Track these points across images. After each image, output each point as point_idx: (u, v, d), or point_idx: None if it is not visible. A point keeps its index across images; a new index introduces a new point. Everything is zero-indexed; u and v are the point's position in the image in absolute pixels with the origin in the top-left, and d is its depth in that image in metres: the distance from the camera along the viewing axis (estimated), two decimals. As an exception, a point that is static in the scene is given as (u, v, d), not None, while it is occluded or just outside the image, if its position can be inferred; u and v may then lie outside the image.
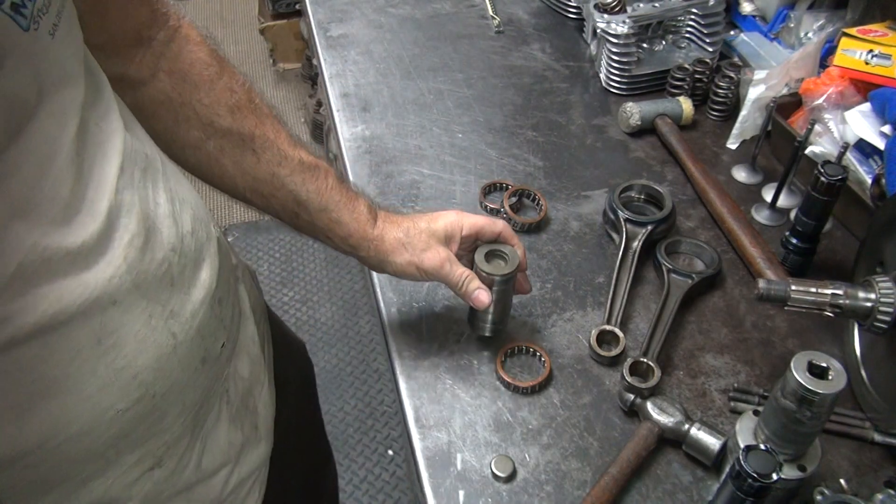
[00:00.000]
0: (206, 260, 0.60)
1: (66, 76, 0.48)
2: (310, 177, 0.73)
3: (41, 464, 0.48)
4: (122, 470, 0.55)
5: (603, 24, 1.21)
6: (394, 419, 1.96)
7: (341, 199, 0.75)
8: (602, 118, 1.21)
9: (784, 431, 0.65)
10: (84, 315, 0.47)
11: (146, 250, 0.52)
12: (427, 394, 0.81)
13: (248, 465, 0.71)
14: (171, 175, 0.61)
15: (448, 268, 0.76)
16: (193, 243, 0.59)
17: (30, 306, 0.44)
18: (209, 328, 0.60)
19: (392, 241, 0.76)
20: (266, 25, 3.02)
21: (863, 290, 0.72)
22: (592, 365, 0.85)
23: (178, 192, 0.60)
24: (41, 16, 0.44)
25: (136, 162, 0.55)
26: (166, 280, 0.54)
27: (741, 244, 0.95)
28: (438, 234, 0.76)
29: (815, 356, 0.61)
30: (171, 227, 0.56)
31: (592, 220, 1.02)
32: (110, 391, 0.50)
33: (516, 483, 0.74)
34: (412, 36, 1.39)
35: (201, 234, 0.61)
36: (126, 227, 0.51)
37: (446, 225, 0.76)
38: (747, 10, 1.33)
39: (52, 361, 0.46)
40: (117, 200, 0.50)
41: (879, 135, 0.96)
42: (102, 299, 0.48)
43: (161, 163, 0.60)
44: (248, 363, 0.73)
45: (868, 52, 1.02)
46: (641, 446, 0.74)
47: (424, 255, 0.76)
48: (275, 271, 2.38)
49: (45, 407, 0.46)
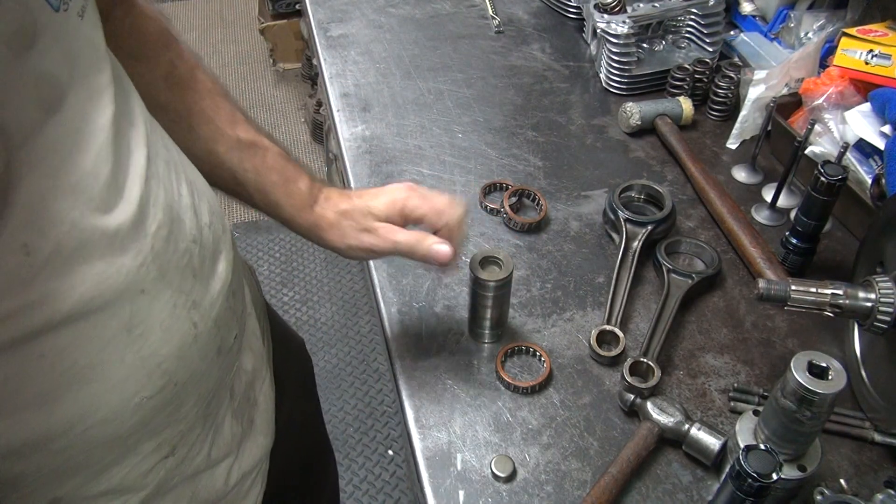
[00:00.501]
0: (222, 252, 0.61)
1: (97, 59, 0.49)
2: (247, 155, 0.71)
3: (66, 450, 0.49)
4: (140, 458, 0.55)
5: (603, 24, 1.21)
6: (394, 419, 1.96)
7: (278, 180, 0.72)
8: (602, 118, 1.21)
9: (784, 431, 0.65)
10: (117, 302, 0.48)
11: (171, 240, 0.53)
12: (427, 394, 0.81)
13: (249, 459, 0.71)
14: (188, 168, 0.61)
15: (391, 237, 0.71)
16: (212, 235, 0.59)
17: (66, 289, 0.44)
18: (225, 319, 0.60)
19: (328, 226, 0.73)
20: (266, 25, 3.03)
21: (863, 290, 0.72)
22: (592, 365, 0.85)
23: (196, 184, 0.60)
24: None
25: (159, 153, 0.55)
26: (189, 270, 0.55)
27: (741, 244, 0.95)
28: (378, 211, 0.72)
29: (815, 356, 0.61)
30: (192, 219, 0.56)
31: (592, 220, 1.02)
32: (137, 379, 0.51)
33: (516, 483, 0.74)
34: (412, 36, 1.39)
35: (217, 226, 0.61)
36: (154, 216, 0.51)
37: (386, 203, 0.72)
38: (747, 10, 1.33)
39: (84, 349, 0.46)
40: (146, 189, 0.51)
41: (879, 135, 0.96)
42: (133, 287, 0.49)
43: (179, 154, 0.61)
44: (251, 357, 0.73)
45: (868, 52, 1.02)
46: (641, 446, 0.74)
47: (363, 235, 0.72)
48: (275, 271, 2.38)
49: (73, 394, 0.47)
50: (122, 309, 0.49)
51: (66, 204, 0.44)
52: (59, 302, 0.44)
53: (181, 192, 0.56)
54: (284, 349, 0.92)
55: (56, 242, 0.44)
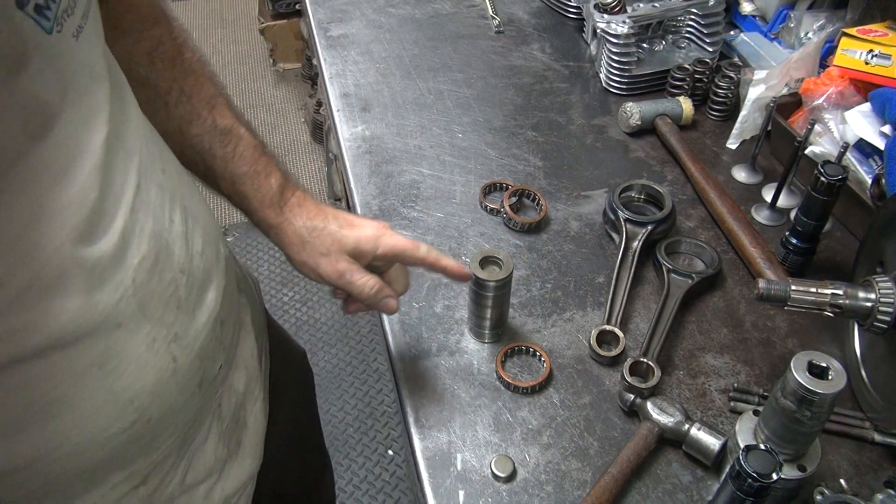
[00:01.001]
0: (213, 281, 0.60)
1: (93, 79, 0.48)
2: (219, 141, 0.69)
3: (29, 481, 0.47)
4: (109, 487, 0.54)
5: (603, 24, 1.21)
6: (394, 419, 1.96)
7: (248, 171, 0.70)
8: (602, 118, 1.21)
9: (784, 431, 0.65)
10: (90, 337, 0.47)
11: (155, 271, 0.51)
12: (427, 394, 0.81)
13: (233, 482, 0.69)
14: (186, 191, 0.60)
15: (347, 277, 0.70)
16: (202, 264, 0.58)
17: (38, 323, 0.43)
18: (209, 350, 0.59)
19: (292, 235, 0.71)
20: (266, 25, 3.03)
21: (863, 290, 0.72)
22: (592, 365, 0.85)
23: (191, 210, 0.59)
24: (66, 17, 0.43)
25: (153, 177, 0.54)
26: (172, 302, 0.53)
27: (741, 244, 0.95)
28: (346, 244, 0.71)
29: (815, 356, 0.61)
30: (182, 247, 0.55)
31: (592, 220, 1.02)
32: (107, 414, 0.49)
33: (516, 483, 0.74)
34: (412, 36, 1.39)
35: (210, 253, 0.60)
36: (139, 247, 0.50)
37: (358, 239, 0.71)
38: (747, 10, 1.33)
39: (52, 382, 0.45)
40: (131, 219, 0.50)
41: (879, 135, 0.96)
42: (109, 322, 0.48)
43: (178, 175, 0.59)
44: (244, 377, 0.71)
45: (868, 52, 1.02)
46: (641, 446, 0.74)
47: (321, 260, 0.71)
48: (275, 271, 2.38)
49: (40, 427, 0.46)
50: (96, 344, 0.47)
51: (48, 233, 0.43)
52: (28, 336, 0.43)
53: (173, 218, 0.55)
54: (284, 362, 0.91)
55: (32, 274, 0.42)
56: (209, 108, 0.70)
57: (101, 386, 0.48)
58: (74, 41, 0.45)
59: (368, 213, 1.03)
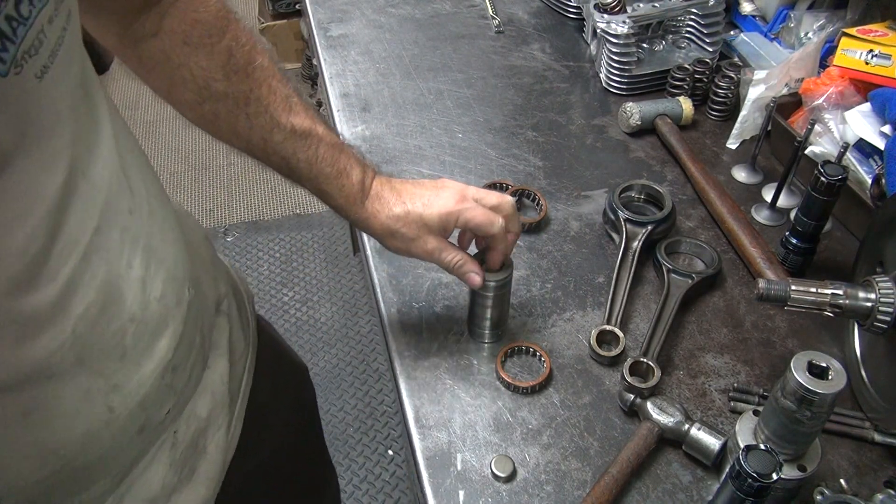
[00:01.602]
0: (168, 327, 0.57)
1: (58, 120, 0.45)
2: (301, 146, 0.71)
3: None
4: None
5: (603, 24, 1.21)
6: (394, 419, 1.96)
7: (330, 172, 0.72)
8: (602, 118, 1.21)
9: (784, 431, 0.65)
10: (16, 388, 0.44)
11: (99, 322, 0.49)
12: (427, 394, 0.81)
13: None
14: (156, 230, 0.57)
15: (437, 256, 0.74)
16: (159, 310, 0.55)
17: None
18: (154, 398, 0.56)
19: (379, 228, 0.74)
20: (266, 25, 3.03)
21: (863, 290, 0.72)
22: (592, 365, 0.85)
23: (157, 251, 0.56)
24: (27, 58, 0.41)
25: (117, 219, 0.51)
26: (116, 352, 0.51)
27: (741, 244, 0.95)
28: (432, 225, 0.73)
29: (815, 356, 0.61)
30: (137, 294, 0.52)
31: (592, 220, 1.02)
32: (28, 463, 0.47)
33: (516, 483, 0.74)
34: (412, 36, 1.39)
35: (170, 298, 0.57)
36: (83, 297, 0.47)
37: (441, 217, 0.73)
38: (747, 10, 1.33)
39: None
40: (81, 266, 0.47)
41: (879, 135, 0.96)
42: (39, 373, 0.45)
43: (149, 215, 0.57)
44: (208, 403, 0.69)
45: (868, 52, 1.02)
46: (641, 446, 0.74)
47: (411, 244, 0.74)
48: (275, 271, 2.38)
49: None
50: (22, 395, 0.44)
51: None
52: None
53: (132, 263, 0.52)
54: (276, 379, 0.88)
55: None
56: (286, 112, 0.70)
57: (23, 435, 0.45)
58: (37, 82, 0.42)
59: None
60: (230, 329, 0.75)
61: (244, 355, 0.79)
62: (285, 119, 0.70)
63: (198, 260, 0.70)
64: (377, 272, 0.95)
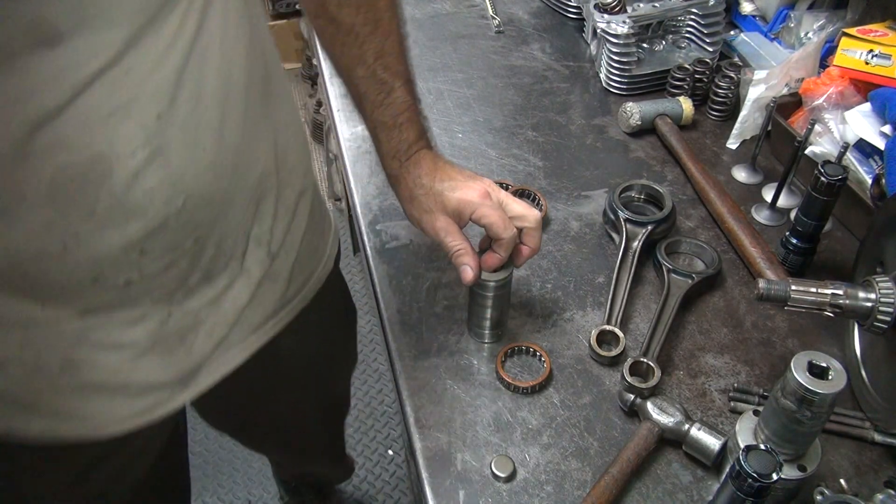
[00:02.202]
0: (145, 216, 0.62)
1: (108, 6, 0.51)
2: (374, 89, 0.76)
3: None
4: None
5: (603, 24, 1.21)
6: (394, 419, 1.96)
7: (388, 123, 0.77)
8: (602, 118, 1.21)
9: (784, 431, 0.65)
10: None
11: (82, 184, 0.55)
12: (427, 394, 0.81)
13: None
14: (188, 140, 0.61)
15: (441, 236, 0.75)
16: (140, 198, 0.61)
17: None
18: (111, 269, 0.61)
19: (404, 189, 0.78)
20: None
21: (863, 290, 0.72)
22: (592, 365, 0.85)
23: (173, 157, 0.60)
24: None
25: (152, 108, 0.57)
26: (86, 210, 0.58)
27: (741, 244, 0.95)
28: (448, 206, 0.75)
29: (815, 356, 0.61)
30: (125, 176, 0.57)
31: (592, 220, 1.02)
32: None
33: (516, 483, 0.74)
34: (412, 36, 1.38)
35: (159, 196, 0.61)
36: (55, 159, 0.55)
37: (459, 202, 0.74)
38: (747, 10, 1.33)
39: None
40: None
41: (879, 135, 0.96)
42: None
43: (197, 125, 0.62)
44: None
45: (868, 52, 1.02)
46: (641, 446, 0.74)
47: (424, 216, 0.76)
48: (275, 271, 2.37)
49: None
50: None
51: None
52: None
53: (136, 154, 0.58)
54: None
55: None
56: (377, 57, 0.76)
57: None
58: None
59: (368, 214, 1.03)
60: (267, 266, 0.77)
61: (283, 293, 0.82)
62: (372, 61, 0.76)
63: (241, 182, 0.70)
64: (377, 272, 0.95)
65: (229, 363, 0.77)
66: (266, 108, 0.69)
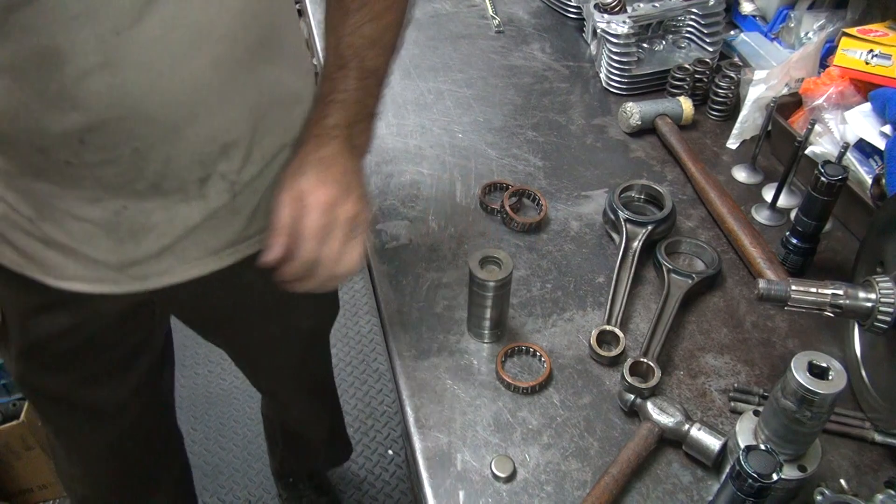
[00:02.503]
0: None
1: None
2: (332, 61, 0.80)
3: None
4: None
5: (603, 24, 1.21)
6: (394, 419, 1.96)
7: (323, 94, 0.78)
8: (602, 118, 1.21)
9: (784, 431, 0.65)
10: None
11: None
12: (427, 394, 0.81)
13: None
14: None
15: (276, 207, 0.73)
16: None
17: None
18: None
19: (296, 157, 0.76)
20: (266, 25, 3.02)
21: (863, 290, 0.72)
22: (592, 365, 0.85)
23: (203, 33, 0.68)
24: None
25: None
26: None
27: (741, 244, 0.95)
28: (287, 186, 0.74)
29: (815, 356, 0.61)
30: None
31: (592, 220, 1.02)
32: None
33: (516, 483, 0.74)
34: (412, 36, 1.39)
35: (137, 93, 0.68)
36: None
37: (287, 187, 0.74)
38: (747, 10, 1.33)
39: None
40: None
41: (879, 135, 0.96)
42: None
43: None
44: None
45: (868, 52, 1.02)
46: (641, 446, 0.74)
47: (287, 182, 0.75)
48: (275, 271, 2.37)
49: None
50: None
51: None
52: None
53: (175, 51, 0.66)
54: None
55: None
56: (350, 31, 0.78)
57: None
58: None
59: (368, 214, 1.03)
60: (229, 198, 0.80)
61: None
62: (344, 34, 0.79)
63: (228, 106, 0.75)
64: (377, 272, 0.95)
65: (184, 274, 0.83)
66: (254, 62, 0.75)
